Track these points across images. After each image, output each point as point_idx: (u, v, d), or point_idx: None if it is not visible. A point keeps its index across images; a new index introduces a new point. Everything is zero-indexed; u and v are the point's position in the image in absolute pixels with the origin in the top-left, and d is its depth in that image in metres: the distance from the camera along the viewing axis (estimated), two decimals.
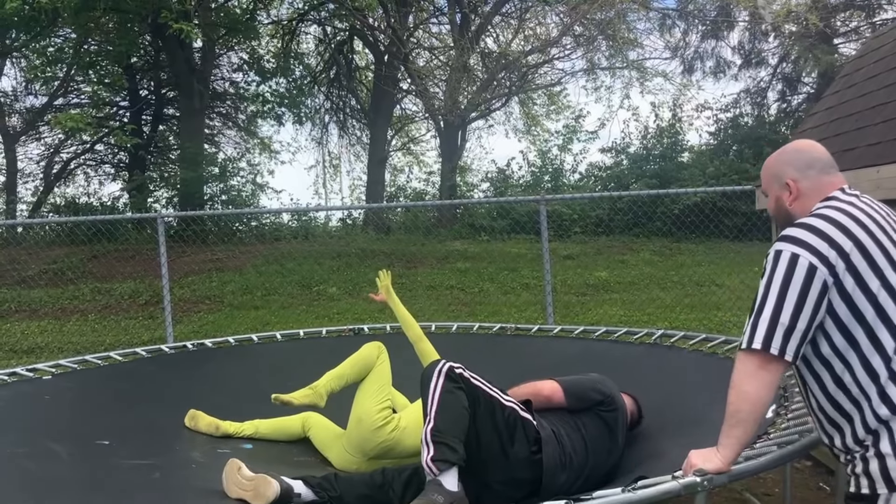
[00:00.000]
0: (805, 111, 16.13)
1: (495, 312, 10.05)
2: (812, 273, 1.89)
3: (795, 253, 1.91)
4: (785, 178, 2.13)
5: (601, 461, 2.98)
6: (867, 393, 1.89)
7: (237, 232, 16.16)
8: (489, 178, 20.13)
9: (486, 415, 2.77)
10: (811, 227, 1.95)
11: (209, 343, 5.54)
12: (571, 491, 2.76)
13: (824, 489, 4.20)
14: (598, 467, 2.95)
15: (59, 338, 9.98)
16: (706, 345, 4.43)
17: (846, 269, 1.89)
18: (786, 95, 20.39)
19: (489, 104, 18.90)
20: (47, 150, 20.91)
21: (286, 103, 19.24)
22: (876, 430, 1.88)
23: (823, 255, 1.89)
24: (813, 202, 2.08)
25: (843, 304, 1.90)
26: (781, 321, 1.91)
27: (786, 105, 20.41)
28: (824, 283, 1.88)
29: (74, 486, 3.04)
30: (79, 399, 4.34)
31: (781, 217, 2.17)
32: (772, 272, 1.94)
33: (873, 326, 1.89)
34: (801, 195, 2.11)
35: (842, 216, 1.96)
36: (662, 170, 17.67)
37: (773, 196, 2.19)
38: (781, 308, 1.91)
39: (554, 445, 2.87)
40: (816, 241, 1.91)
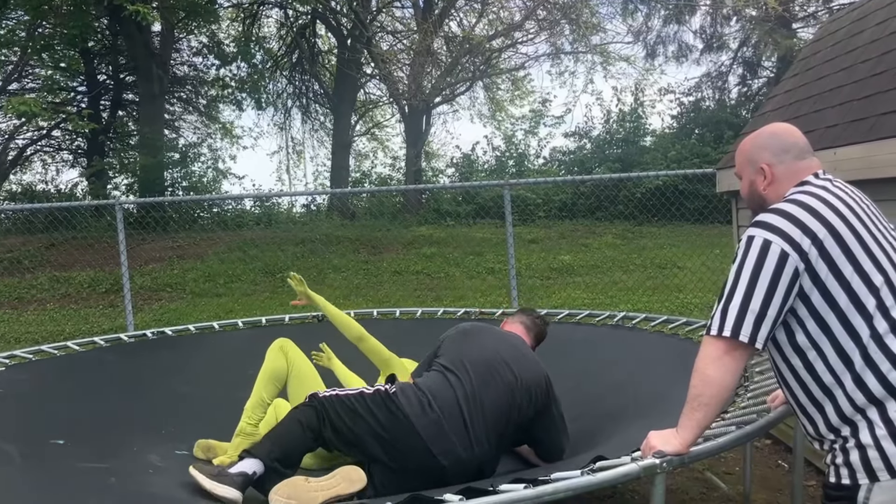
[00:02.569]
0: (765, 95, 16.32)
1: (461, 297, 10.05)
2: (784, 260, 1.87)
3: (768, 239, 1.89)
4: (760, 163, 2.11)
5: (486, 394, 2.99)
6: (841, 380, 1.87)
7: (198, 219, 15.94)
8: (454, 163, 20.11)
9: (352, 411, 2.93)
10: (784, 213, 1.93)
11: (169, 331, 5.46)
12: (481, 438, 2.91)
13: (783, 466, 4.28)
14: (490, 401, 2.98)
15: (16, 328, 9.77)
16: (667, 326, 4.47)
17: (819, 255, 1.87)
18: (746, 79, 20.63)
19: (453, 89, 18.84)
20: (1, 136, 20.40)
21: (247, 88, 18.98)
22: (853, 420, 1.87)
23: (796, 242, 1.87)
24: (787, 187, 2.06)
25: (816, 291, 1.88)
26: (752, 308, 1.89)
27: (746, 89, 20.66)
28: (795, 269, 1.87)
29: (26, 492, 2.92)
30: (34, 392, 4.21)
31: (755, 201, 2.16)
32: (743, 258, 1.92)
33: (846, 312, 1.87)
34: (775, 180, 2.09)
35: (815, 202, 1.94)
36: (625, 154, 17.81)
37: (747, 180, 2.17)
38: (752, 295, 1.89)
39: (409, 391, 2.97)
40: (789, 227, 1.89)
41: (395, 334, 4.90)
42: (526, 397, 3.06)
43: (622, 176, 9.54)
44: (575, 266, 11.95)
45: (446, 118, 22.43)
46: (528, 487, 2.04)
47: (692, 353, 3.06)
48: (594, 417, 3.33)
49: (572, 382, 3.90)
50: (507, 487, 2.09)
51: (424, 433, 2.84)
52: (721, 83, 20.65)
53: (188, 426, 3.93)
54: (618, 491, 3.95)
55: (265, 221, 16.19)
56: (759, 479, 4.00)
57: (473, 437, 2.90)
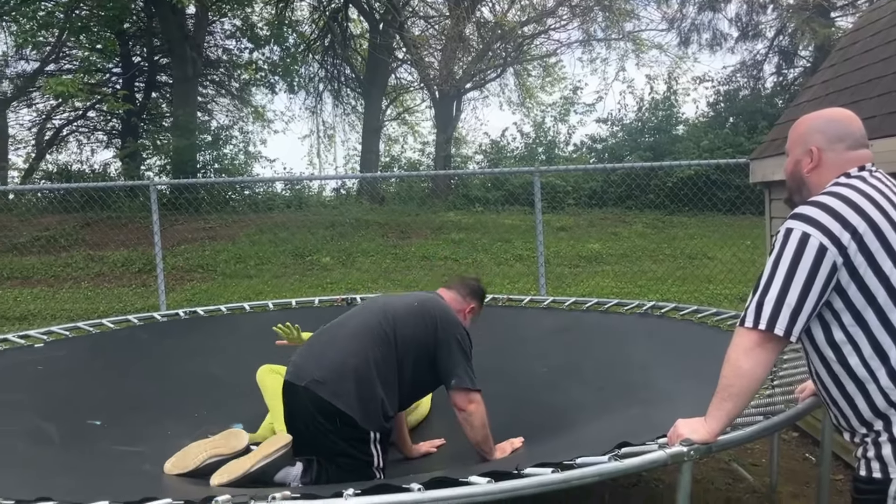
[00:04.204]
0: (801, 85, 16.05)
1: (488, 283, 9.99)
2: (822, 254, 1.84)
3: (807, 232, 1.87)
4: (810, 145, 2.06)
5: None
6: (875, 375, 1.86)
7: (230, 201, 16.08)
8: (483, 149, 20.06)
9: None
10: (824, 207, 1.90)
11: (201, 311, 5.54)
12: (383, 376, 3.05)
13: (810, 460, 4.25)
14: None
15: (52, 305, 9.97)
16: (696, 316, 4.45)
17: (858, 249, 1.84)
18: (782, 69, 20.30)
19: (484, 75, 18.77)
20: (39, 116, 20.73)
21: (279, 71, 19.06)
22: (885, 415, 1.85)
23: (835, 236, 1.84)
24: (831, 175, 2.02)
25: (854, 285, 1.86)
26: (788, 301, 1.87)
27: (782, 78, 20.33)
28: (833, 264, 1.84)
29: (64, 473, 3.00)
30: (71, 369, 4.31)
31: (795, 182, 2.12)
32: (781, 250, 1.90)
33: (884, 308, 1.85)
34: (821, 165, 2.05)
35: (856, 195, 1.91)
36: (657, 142, 17.64)
37: (794, 159, 2.12)
38: (789, 288, 1.87)
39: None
40: (829, 220, 1.86)
41: None
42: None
43: (654, 165, 9.47)
44: (604, 254, 11.90)
45: (476, 104, 22.39)
46: (556, 472, 2.06)
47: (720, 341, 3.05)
48: (620, 404, 3.33)
49: (599, 369, 3.92)
50: (533, 471, 2.11)
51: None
52: (756, 72, 20.35)
53: (219, 412, 3.99)
54: (643, 479, 3.96)
55: (296, 204, 16.29)
56: (785, 471, 3.98)
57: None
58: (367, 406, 3.00)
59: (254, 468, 2.91)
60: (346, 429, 2.97)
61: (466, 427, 3.14)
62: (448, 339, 3.17)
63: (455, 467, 3.00)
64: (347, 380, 3.00)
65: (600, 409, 3.34)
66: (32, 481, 2.67)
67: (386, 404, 3.05)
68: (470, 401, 3.11)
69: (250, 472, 2.90)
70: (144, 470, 3.21)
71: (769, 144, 5.38)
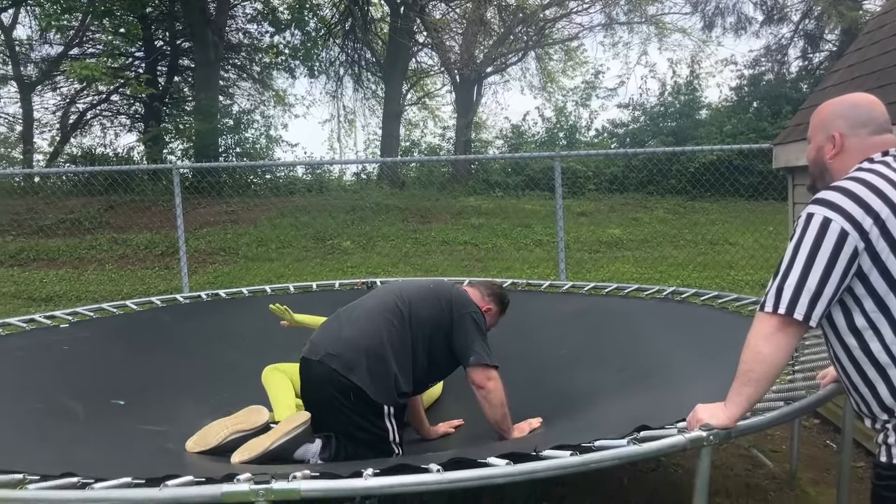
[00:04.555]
0: (827, 69, 15.82)
1: (508, 268, 10.06)
2: (843, 239, 1.83)
3: (828, 217, 1.85)
4: (832, 131, 2.04)
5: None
6: None
7: (252, 185, 16.17)
8: (504, 134, 19.98)
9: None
10: (846, 191, 1.88)
11: (223, 294, 5.59)
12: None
13: (831, 447, 4.23)
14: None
15: (77, 287, 10.10)
16: (717, 301, 4.43)
17: (880, 235, 1.83)
18: (807, 53, 19.99)
19: (505, 59, 18.68)
20: (63, 100, 20.89)
21: (300, 56, 19.07)
22: None
23: (857, 221, 1.83)
24: (854, 161, 2.00)
25: (876, 271, 1.85)
26: (808, 286, 1.86)
27: (807, 63, 20.03)
28: (855, 249, 1.83)
29: (89, 450, 3.06)
30: (96, 349, 4.37)
31: (817, 168, 2.10)
32: (802, 235, 1.89)
33: None
34: (843, 151, 2.03)
35: (879, 180, 1.89)
36: (679, 127, 17.48)
37: (816, 145, 2.10)
38: (809, 273, 1.86)
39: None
40: (851, 206, 1.85)
41: None
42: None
43: (675, 150, 9.39)
44: (624, 240, 11.85)
45: (497, 88, 22.29)
46: (575, 454, 2.07)
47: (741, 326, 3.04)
48: (639, 388, 3.33)
49: (618, 353, 3.91)
50: (552, 453, 2.12)
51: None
52: (781, 56, 20.06)
53: (240, 393, 3.99)
54: (661, 464, 3.96)
55: (316, 189, 16.35)
56: (805, 458, 3.97)
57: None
58: (379, 380, 3.05)
59: (274, 445, 2.94)
60: (359, 403, 3.02)
61: (485, 405, 3.16)
62: (463, 318, 3.22)
63: (473, 448, 3.02)
64: (360, 355, 3.05)
65: (619, 393, 3.34)
66: (58, 458, 2.72)
67: (399, 380, 3.10)
68: (488, 378, 3.14)
69: (270, 449, 2.94)
70: (167, 448, 3.26)
71: (793, 129, 5.32)
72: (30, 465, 2.35)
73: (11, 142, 20.27)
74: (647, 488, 3.69)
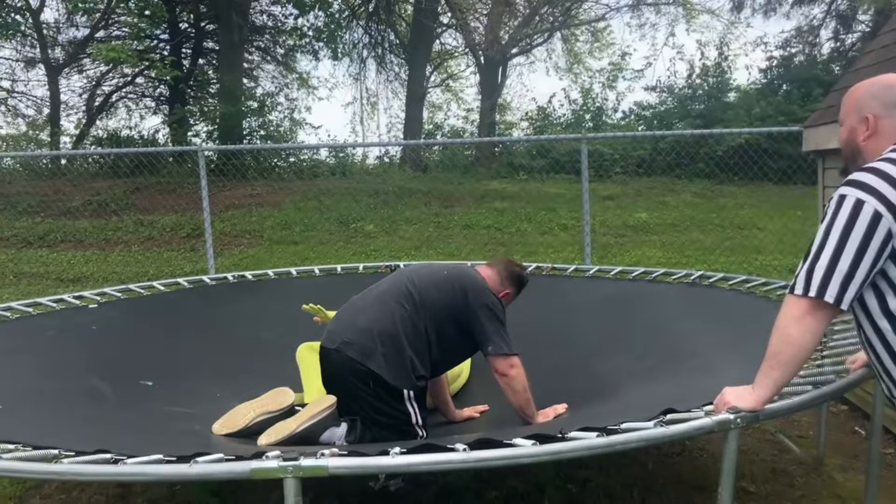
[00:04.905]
0: (859, 50, 15.52)
1: (532, 252, 10.04)
2: (876, 221, 1.81)
3: (861, 199, 1.83)
4: (865, 112, 2.01)
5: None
6: None
7: (275, 167, 16.23)
8: (529, 116, 19.85)
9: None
10: (880, 173, 1.85)
11: (249, 276, 5.63)
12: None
13: (859, 433, 4.19)
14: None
15: (104, 268, 10.23)
16: (745, 286, 4.39)
17: None
18: (839, 34, 19.64)
19: (531, 40, 18.54)
20: (89, 82, 21.06)
21: (324, 38, 19.05)
22: None
23: (891, 203, 1.80)
24: (888, 143, 1.97)
25: None
26: (839, 269, 1.84)
27: (839, 44, 19.68)
28: (889, 231, 1.81)
29: (118, 429, 3.09)
30: (124, 329, 4.41)
31: (850, 151, 2.07)
32: (833, 217, 1.86)
33: None
34: (877, 133, 2.00)
35: None
36: (707, 110, 17.27)
37: (848, 127, 2.07)
38: (840, 255, 1.84)
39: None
40: (885, 187, 1.82)
41: None
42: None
43: (703, 132, 9.28)
44: (651, 224, 11.76)
45: (522, 70, 22.16)
46: (601, 436, 2.06)
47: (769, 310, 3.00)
48: (665, 372, 3.31)
49: (644, 337, 3.89)
50: (577, 435, 2.12)
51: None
52: (812, 38, 19.73)
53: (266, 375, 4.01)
54: (686, 448, 3.95)
55: (340, 172, 16.37)
56: (833, 444, 3.93)
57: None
58: (396, 366, 3.07)
59: (300, 428, 2.96)
60: (379, 388, 3.05)
61: (508, 392, 3.16)
62: (479, 307, 3.19)
63: (498, 430, 3.02)
64: (375, 342, 3.07)
65: (645, 377, 3.33)
66: (90, 435, 2.76)
67: (416, 365, 3.12)
68: (510, 365, 3.13)
69: (297, 431, 2.96)
70: (195, 430, 3.29)
71: (824, 112, 5.23)
72: (63, 442, 2.39)
73: (39, 124, 20.48)
74: (671, 472, 3.68)
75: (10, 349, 3.81)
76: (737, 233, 10.90)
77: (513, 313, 3.38)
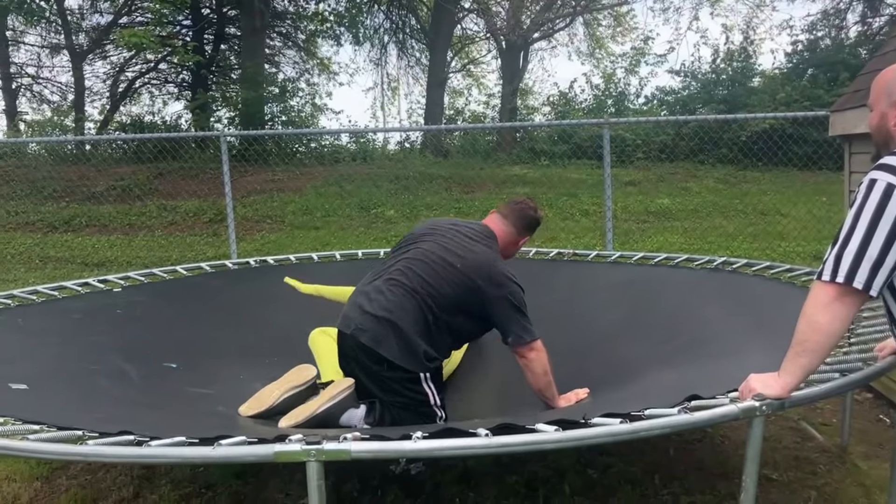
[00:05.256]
0: (887, 34, 15.26)
1: (553, 238, 10.00)
2: None
3: (892, 183, 1.80)
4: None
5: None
6: None
7: (297, 153, 16.28)
8: (551, 101, 19.73)
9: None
10: None
11: (271, 260, 5.66)
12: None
13: (884, 421, 4.15)
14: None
15: (128, 252, 10.33)
16: (768, 272, 4.35)
17: None
18: (867, 17, 19.28)
19: (553, 24, 18.39)
20: (113, 68, 21.21)
21: (345, 22, 19.03)
22: None
23: None
24: None
25: None
26: (869, 254, 1.81)
27: (866, 28, 19.32)
28: None
29: (142, 411, 3.13)
30: (148, 313, 4.44)
31: (881, 136, 2.04)
32: (863, 201, 1.83)
33: None
34: None
35: None
36: (731, 95, 17.06)
37: (879, 112, 2.03)
38: (870, 240, 1.81)
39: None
40: None
41: None
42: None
43: (727, 117, 9.18)
44: (673, 210, 11.67)
45: (543, 55, 22.00)
46: (624, 422, 2.06)
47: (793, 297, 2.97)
48: (689, 358, 3.28)
49: (667, 323, 3.87)
50: (601, 421, 2.11)
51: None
52: (839, 21, 19.39)
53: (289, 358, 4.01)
54: (707, 435, 3.93)
55: (360, 157, 16.39)
56: (857, 432, 3.89)
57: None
58: (408, 351, 3.06)
59: (320, 409, 2.98)
60: (394, 372, 3.06)
61: (528, 374, 3.15)
62: (498, 299, 3.13)
63: (518, 414, 3.02)
64: (386, 328, 3.07)
65: (668, 363, 3.30)
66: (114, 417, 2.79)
67: (428, 350, 3.10)
68: (530, 349, 3.12)
69: (317, 413, 2.97)
70: (218, 411, 3.32)
71: (851, 96, 5.15)
72: (87, 423, 2.42)
73: (64, 110, 20.69)
74: (693, 459, 3.66)
75: (35, 331, 3.86)
76: (760, 219, 10.80)
77: (536, 297, 3.37)
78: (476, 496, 3.25)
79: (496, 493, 3.25)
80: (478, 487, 3.32)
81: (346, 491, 3.26)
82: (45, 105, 21.95)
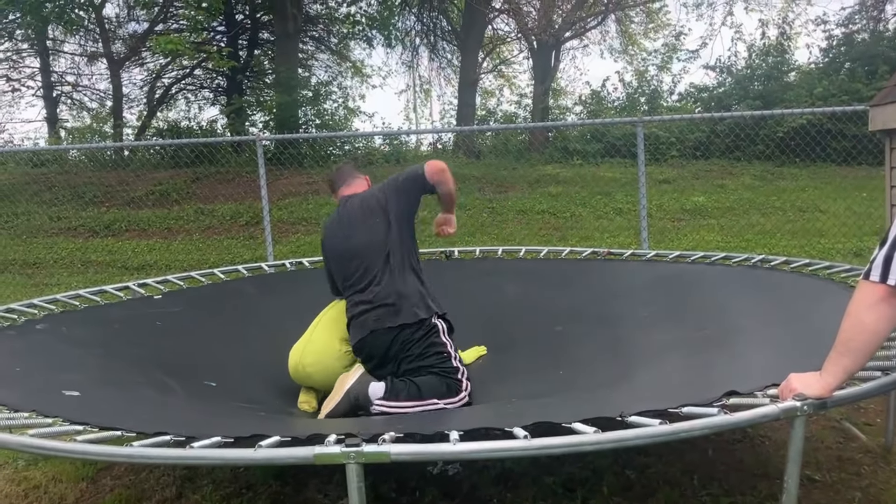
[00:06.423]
0: None
1: (587, 237, 9.95)
2: None
3: None
4: None
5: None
6: None
7: (331, 156, 16.38)
8: (583, 100, 19.62)
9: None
10: None
11: (307, 263, 5.70)
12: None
13: None
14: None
15: (167, 256, 10.49)
16: (807, 269, 4.28)
17: None
18: None
19: (584, 23, 18.29)
20: (149, 75, 21.56)
21: (376, 25, 19.12)
22: None
23: None
24: None
25: None
26: None
27: None
28: None
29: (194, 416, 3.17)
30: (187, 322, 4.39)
31: None
32: None
33: None
34: None
35: None
36: (767, 90, 16.81)
37: None
38: None
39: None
40: None
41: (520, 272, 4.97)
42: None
43: (763, 113, 9.07)
44: (709, 208, 11.54)
45: (575, 54, 21.89)
46: (664, 423, 2.04)
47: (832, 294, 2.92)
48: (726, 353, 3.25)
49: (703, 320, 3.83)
50: (641, 421, 2.10)
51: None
52: (877, 13, 19.01)
53: None
54: (747, 435, 3.88)
55: (394, 159, 16.45)
56: None
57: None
58: (417, 302, 3.50)
59: (339, 401, 3.27)
60: (414, 331, 3.42)
61: (445, 177, 3.84)
62: (393, 181, 3.88)
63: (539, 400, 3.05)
64: (394, 301, 3.46)
65: (705, 358, 3.28)
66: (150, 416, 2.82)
67: (426, 290, 3.60)
68: (432, 163, 3.77)
69: (339, 403, 3.27)
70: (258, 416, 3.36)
71: (892, 89, 5.05)
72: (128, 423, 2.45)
73: (103, 117, 21.08)
74: (732, 458, 3.62)
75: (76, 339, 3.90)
76: (798, 216, 10.63)
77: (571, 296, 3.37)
78: (513, 497, 3.25)
79: (534, 494, 3.25)
80: (515, 488, 3.31)
81: (383, 491, 3.28)
82: (85, 112, 22.42)
